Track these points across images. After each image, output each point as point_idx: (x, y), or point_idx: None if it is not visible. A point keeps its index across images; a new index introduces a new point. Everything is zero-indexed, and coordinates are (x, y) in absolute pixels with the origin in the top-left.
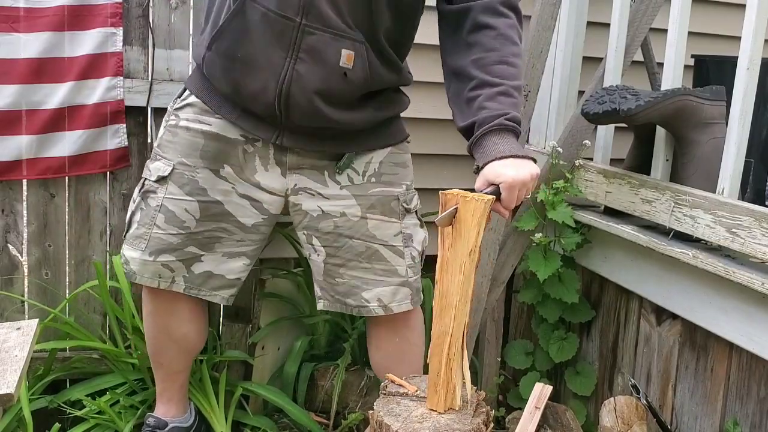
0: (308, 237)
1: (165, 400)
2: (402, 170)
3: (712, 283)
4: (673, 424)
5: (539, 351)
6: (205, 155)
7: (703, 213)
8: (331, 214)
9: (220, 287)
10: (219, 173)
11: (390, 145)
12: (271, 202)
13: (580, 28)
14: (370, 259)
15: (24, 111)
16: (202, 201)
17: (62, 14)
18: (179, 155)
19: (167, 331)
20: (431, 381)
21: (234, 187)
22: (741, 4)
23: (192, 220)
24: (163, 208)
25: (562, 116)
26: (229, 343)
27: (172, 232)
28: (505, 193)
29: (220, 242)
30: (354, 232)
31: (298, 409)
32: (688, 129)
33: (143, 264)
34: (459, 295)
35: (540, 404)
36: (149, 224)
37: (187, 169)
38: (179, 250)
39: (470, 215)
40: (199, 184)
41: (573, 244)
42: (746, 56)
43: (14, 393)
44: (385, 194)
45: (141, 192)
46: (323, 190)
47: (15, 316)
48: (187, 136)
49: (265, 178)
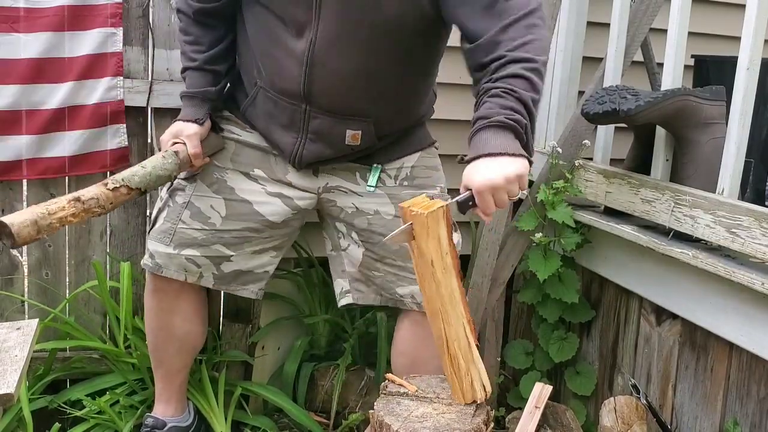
0: (348, 229)
1: (164, 400)
2: (435, 173)
3: (712, 283)
4: (673, 424)
5: (539, 351)
6: (236, 159)
7: (703, 213)
8: (364, 212)
9: (250, 282)
10: (249, 175)
11: (417, 151)
12: (303, 198)
13: (580, 28)
14: (404, 258)
15: (24, 111)
16: (229, 199)
17: (62, 14)
18: None
19: (168, 329)
20: (448, 378)
21: (264, 188)
22: (741, 4)
23: (218, 217)
24: (190, 204)
25: (562, 116)
26: (229, 343)
27: (196, 227)
28: (477, 198)
29: (249, 241)
30: (388, 230)
31: (298, 408)
32: (688, 129)
33: (169, 257)
34: (440, 300)
35: (540, 404)
36: (175, 219)
37: (216, 169)
38: (205, 247)
39: (421, 227)
40: (227, 183)
41: (573, 244)
42: (746, 56)
43: (14, 393)
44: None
45: (169, 191)
46: (356, 188)
47: (15, 316)
48: None
49: (296, 177)
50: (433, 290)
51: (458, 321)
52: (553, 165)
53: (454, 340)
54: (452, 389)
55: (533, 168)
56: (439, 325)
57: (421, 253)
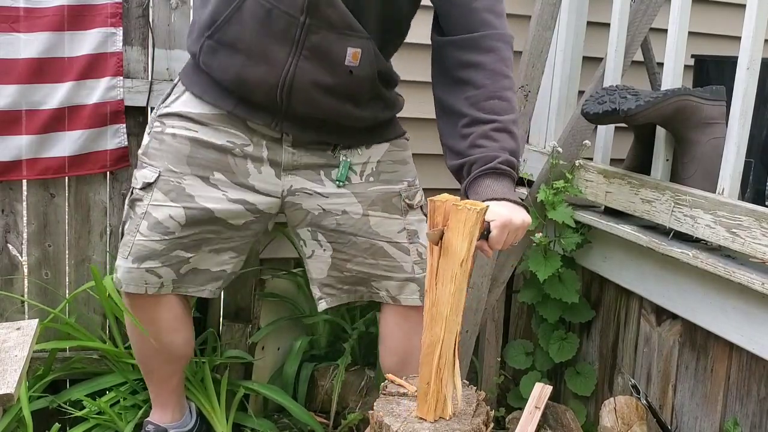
0: (313, 233)
1: (160, 406)
2: (402, 167)
3: (712, 283)
4: (673, 424)
5: (539, 351)
6: (193, 162)
7: (703, 213)
8: (332, 212)
9: (206, 281)
10: (209, 180)
11: (387, 141)
12: (266, 203)
13: (580, 28)
14: (375, 256)
15: (24, 111)
16: (188, 207)
17: (62, 14)
18: (166, 162)
19: (151, 343)
20: (421, 390)
21: (226, 194)
22: (741, 4)
23: (177, 227)
24: (147, 215)
25: (562, 116)
26: (229, 343)
27: (155, 239)
28: (496, 231)
29: (207, 242)
30: (357, 229)
31: (301, 408)
32: (688, 129)
33: (128, 272)
34: (450, 305)
35: (540, 404)
36: (133, 232)
37: (173, 175)
38: (165, 255)
39: (462, 225)
40: (185, 191)
41: (573, 244)
42: (746, 56)
43: (14, 393)
44: (385, 192)
45: (129, 201)
46: (320, 189)
47: (15, 316)
48: (173, 143)
49: (258, 180)
50: (446, 293)
51: (454, 331)
52: (554, 165)
53: (446, 350)
54: (420, 402)
55: (534, 168)
56: (438, 331)
57: (449, 252)
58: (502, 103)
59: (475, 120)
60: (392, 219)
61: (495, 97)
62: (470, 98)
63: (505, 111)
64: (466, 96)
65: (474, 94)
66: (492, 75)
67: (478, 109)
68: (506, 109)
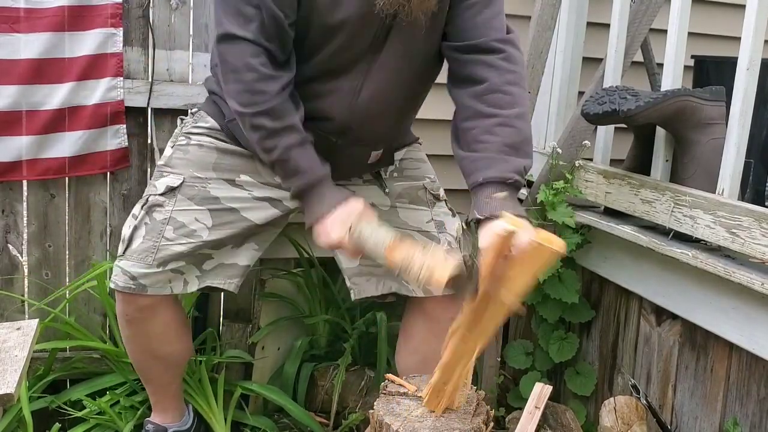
0: None
1: (160, 409)
2: (423, 165)
3: (712, 284)
4: (673, 424)
5: (539, 351)
6: (219, 167)
7: (703, 213)
8: None
9: (233, 276)
10: (234, 182)
11: (404, 146)
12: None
13: (580, 28)
14: None
15: (24, 111)
16: (214, 209)
17: (62, 15)
18: (191, 170)
19: (149, 353)
20: (435, 387)
21: (251, 193)
22: (741, 4)
23: (204, 229)
24: (172, 220)
25: (562, 117)
26: (229, 343)
27: (181, 242)
28: None
29: (232, 238)
30: (385, 220)
31: (299, 408)
32: (688, 129)
33: (153, 276)
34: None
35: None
36: (156, 237)
37: (198, 181)
38: (190, 255)
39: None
40: (210, 194)
41: (573, 244)
42: (746, 56)
43: (14, 393)
44: (410, 185)
45: (144, 207)
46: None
47: (15, 316)
48: (199, 152)
49: None
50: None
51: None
52: (553, 165)
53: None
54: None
55: (533, 169)
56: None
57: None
58: (506, 97)
59: (477, 113)
60: (420, 210)
61: (498, 91)
62: (473, 92)
63: (510, 105)
64: (468, 91)
65: (476, 89)
66: (495, 70)
67: (481, 102)
68: (510, 102)
